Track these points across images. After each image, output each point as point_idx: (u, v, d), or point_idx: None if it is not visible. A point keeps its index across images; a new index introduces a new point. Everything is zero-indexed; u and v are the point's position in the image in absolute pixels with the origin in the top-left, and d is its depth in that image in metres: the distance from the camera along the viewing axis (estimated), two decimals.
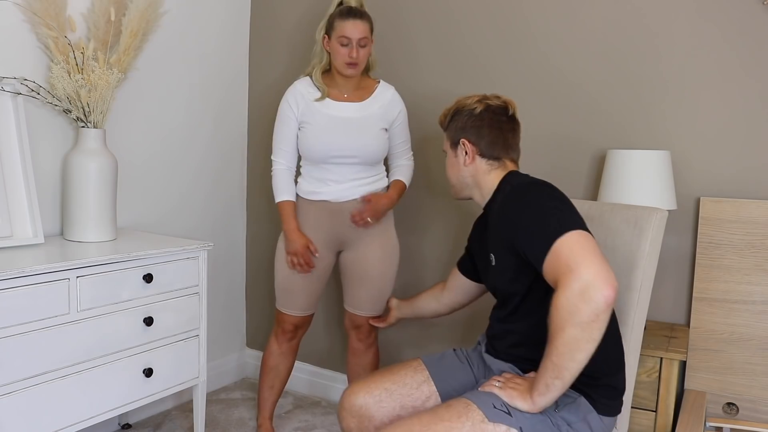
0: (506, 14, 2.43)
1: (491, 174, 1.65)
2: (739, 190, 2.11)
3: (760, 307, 2.05)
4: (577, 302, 1.27)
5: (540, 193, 1.50)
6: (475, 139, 1.66)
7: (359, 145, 2.19)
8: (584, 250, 1.31)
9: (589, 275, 1.28)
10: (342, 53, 2.13)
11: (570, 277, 1.29)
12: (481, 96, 1.71)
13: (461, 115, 1.69)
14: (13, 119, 2.03)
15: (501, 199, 1.58)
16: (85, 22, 2.22)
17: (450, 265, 2.59)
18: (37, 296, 1.76)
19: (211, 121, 2.81)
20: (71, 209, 2.14)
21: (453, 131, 1.71)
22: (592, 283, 1.27)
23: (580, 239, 1.34)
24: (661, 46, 2.18)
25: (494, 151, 1.65)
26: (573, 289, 1.28)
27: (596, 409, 1.49)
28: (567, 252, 1.32)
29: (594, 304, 1.26)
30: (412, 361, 1.76)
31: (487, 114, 1.66)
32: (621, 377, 1.57)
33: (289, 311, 2.35)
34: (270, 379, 2.45)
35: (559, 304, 1.30)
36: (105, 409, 1.97)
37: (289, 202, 2.26)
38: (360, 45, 2.13)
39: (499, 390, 1.46)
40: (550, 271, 1.35)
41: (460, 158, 1.69)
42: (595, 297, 1.26)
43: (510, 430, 1.40)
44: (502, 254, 1.55)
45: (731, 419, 2.08)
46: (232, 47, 2.90)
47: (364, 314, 2.34)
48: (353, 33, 2.11)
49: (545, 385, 1.37)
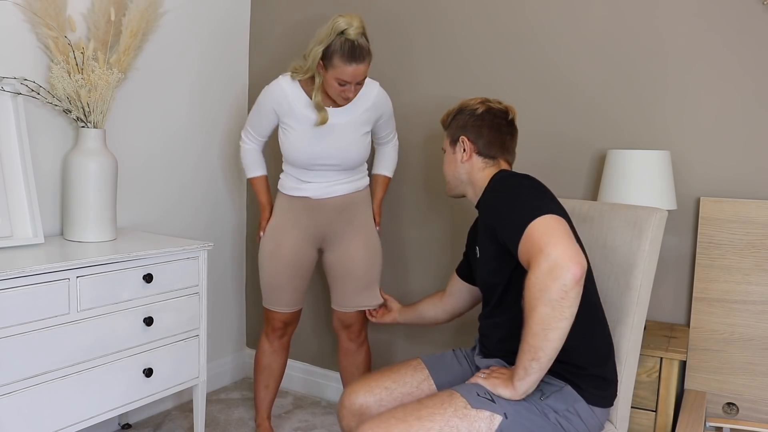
0: (506, 14, 2.43)
1: (484, 171, 1.71)
2: (739, 190, 2.11)
3: (760, 307, 2.05)
4: (546, 280, 1.32)
5: (519, 182, 1.57)
6: (474, 138, 1.72)
7: (341, 153, 2.19)
8: (554, 231, 1.37)
9: (557, 254, 1.33)
10: (338, 90, 2.08)
11: (539, 257, 1.34)
12: (484, 99, 1.77)
13: (463, 115, 1.76)
14: (13, 119, 2.03)
15: (487, 192, 1.65)
16: (85, 22, 2.22)
17: (447, 264, 2.59)
18: (37, 296, 1.76)
19: (210, 121, 2.81)
20: (71, 209, 2.14)
21: (453, 129, 1.77)
22: (559, 261, 1.32)
23: (551, 222, 1.39)
24: (662, 46, 2.18)
25: (491, 151, 1.71)
26: (542, 268, 1.33)
27: (585, 398, 1.50)
28: (537, 234, 1.38)
29: (562, 281, 1.31)
30: (411, 361, 1.77)
31: (488, 115, 1.73)
32: (610, 367, 1.58)
33: (276, 308, 2.36)
34: (264, 379, 2.46)
35: (529, 284, 1.35)
36: (105, 409, 1.97)
37: (262, 177, 2.36)
38: (357, 83, 2.08)
39: (483, 380, 1.50)
40: (524, 253, 1.40)
41: (458, 155, 1.74)
42: (563, 275, 1.31)
43: (493, 416, 1.42)
44: (486, 244, 1.60)
45: (731, 419, 2.08)
46: (232, 47, 2.90)
47: (353, 311, 2.35)
48: (353, 78, 2.05)
49: (523, 369, 1.40)
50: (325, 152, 2.18)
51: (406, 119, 2.58)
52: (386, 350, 2.76)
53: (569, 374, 1.49)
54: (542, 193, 1.53)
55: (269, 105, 2.21)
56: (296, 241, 2.28)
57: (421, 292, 2.68)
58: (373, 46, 2.21)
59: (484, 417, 1.41)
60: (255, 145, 2.33)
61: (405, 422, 1.41)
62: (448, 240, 2.60)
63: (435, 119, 2.53)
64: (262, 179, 2.37)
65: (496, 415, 1.42)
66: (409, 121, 2.59)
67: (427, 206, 2.63)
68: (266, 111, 2.23)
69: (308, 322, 2.92)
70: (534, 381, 1.41)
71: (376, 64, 2.56)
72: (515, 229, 1.43)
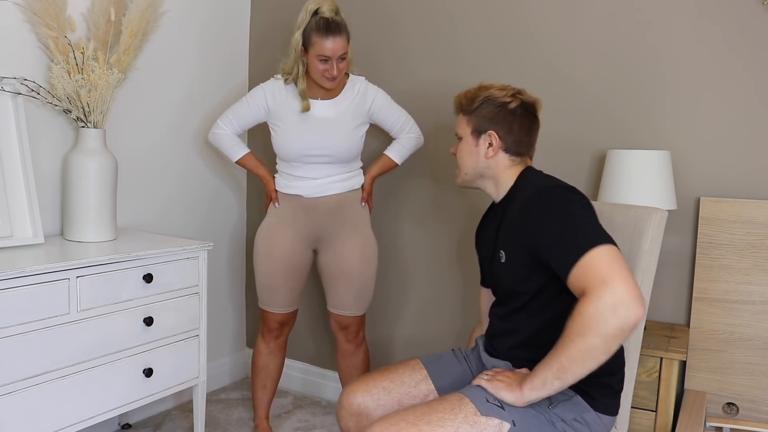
0: (505, 15, 2.43)
1: (511, 169, 1.63)
2: (739, 190, 2.11)
3: (760, 307, 2.05)
4: (607, 314, 1.28)
5: (568, 198, 1.48)
6: (504, 134, 1.61)
7: (331, 144, 2.20)
8: (617, 266, 1.32)
9: (623, 291, 1.29)
10: (321, 69, 2.13)
11: (603, 288, 1.30)
12: (515, 90, 1.65)
13: (492, 105, 1.62)
14: (13, 119, 2.03)
15: (523, 198, 1.54)
16: (85, 22, 2.22)
17: (446, 261, 2.59)
18: (37, 296, 1.76)
19: (210, 121, 2.80)
20: (71, 209, 2.14)
21: (480, 119, 1.64)
22: (625, 299, 1.28)
23: (612, 253, 1.34)
24: (662, 46, 2.18)
25: (519, 148, 1.63)
26: (605, 300, 1.29)
27: (594, 407, 1.49)
28: (600, 265, 1.32)
29: (623, 320, 1.27)
30: (410, 361, 1.76)
31: (520, 110, 1.62)
32: (620, 376, 1.57)
33: (272, 309, 2.36)
34: (261, 379, 2.46)
35: (585, 312, 1.30)
36: (105, 409, 1.97)
37: (249, 154, 2.35)
38: (339, 59, 2.13)
39: (486, 383, 1.48)
40: (577, 280, 1.35)
41: (482, 148, 1.64)
42: (627, 314, 1.27)
43: (502, 423, 1.41)
44: (516, 251, 1.53)
45: (731, 419, 2.08)
46: (232, 48, 2.89)
47: (349, 314, 2.34)
48: (333, 52, 2.10)
49: (542, 382, 1.37)
50: (315, 143, 2.19)
51: None
52: (385, 350, 2.76)
53: (581, 383, 1.45)
54: (593, 215, 1.45)
55: (263, 99, 2.25)
56: (291, 241, 2.29)
57: (421, 292, 2.68)
58: (368, 37, 2.21)
59: (493, 424, 1.40)
60: (231, 132, 2.33)
61: (415, 426, 1.40)
62: (449, 239, 2.60)
63: (429, 117, 2.53)
64: (251, 156, 2.36)
65: (505, 422, 1.41)
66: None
67: (429, 202, 2.63)
68: (258, 104, 2.26)
69: (307, 321, 2.92)
70: (545, 395, 1.39)
71: (369, 55, 2.57)
72: (569, 253, 1.37)
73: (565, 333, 1.34)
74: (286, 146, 2.23)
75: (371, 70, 2.55)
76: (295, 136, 2.21)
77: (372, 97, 2.27)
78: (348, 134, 2.22)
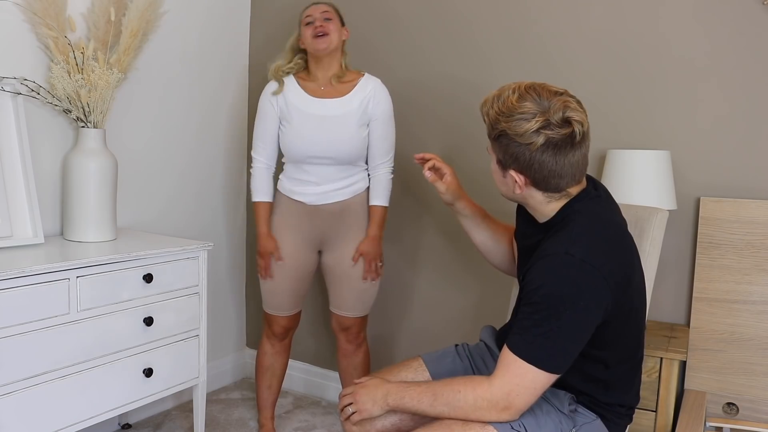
0: (505, 15, 2.43)
1: (549, 205, 1.43)
2: (739, 190, 2.11)
3: (760, 307, 2.05)
4: (482, 405, 1.37)
5: (570, 295, 1.31)
6: (532, 173, 1.37)
7: (333, 147, 2.19)
8: (526, 392, 1.35)
9: (505, 408, 1.36)
10: (309, 30, 2.18)
11: (498, 389, 1.36)
12: (543, 119, 1.32)
13: (512, 141, 1.35)
14: (13, 119, 2.03)
15: (554, 248, 1.36)
16: (85, 22, 2.22)
17: (450, 260, 2.59)
18: (37, 296, 1.76)
19: (211, 121, 2.81)
20: (71, 209, 2.14)
21: (502, 152, 1.40)
22: (501, 414, 1.36)
23: (537, 382, 1.34)
24: (661, 45, 2.18)
25: (549, 185, 1.39)
26: (493, 393, 1.36)
27: (610, 429, 1.50)
28: (518, 377, 1.34)
29: (487, 418, 1.37)
30: (412, 361, 1.76)
31: (549, 148, 1.33)
32: (636, 394, 1.58)
33: (276, 312, 2.36)
34: (267, 379, 2.46)
35: (475, 390, 1.38)
36: (105, 409, 1.97)
37: (264, 204, 2.31)
38: (324, 18, 2.18)
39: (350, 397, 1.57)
40: (499, 360, 1.38)
41: (509, 181, 1.42)
42: (493, 417, 1.37)
43: None
44: None
45: (731, 419, 2.08)
46: (232, 47, 2.89)
47: (350, 315, 2.34)
48: (315, 11, 2.19)
49: (416, 399, 1.46)
50: (318, 145, 2.19)
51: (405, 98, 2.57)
52: (386, 350, 2.76)
53: (602, 409, 1.48)
54: (576, 326, 1.32)
55: (268, 104, 2.26)
56: (295, 244, 2.29)
57: (424, 292, 2.68)
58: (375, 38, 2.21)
59: None
60: (265, 162, 2.28)
61: None
62: (449, 238, 2.60)
63: (429, 119, 2.53)
64: (264, 207, 2.30)
65: None
66: (404, 116, 2.58)
67: (430, 201, 2.63)
68: (266, 111, 2.26)
69: (308, 322, 2.91)
70: (400, 407, 1.49)
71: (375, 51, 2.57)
72: (518, 342, 1.35)
73: (454, 380, 1.44)
74: (290, 146, 2.22)
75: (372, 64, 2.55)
76: (299, 135, 2.20)
77: (380, 101, 2.24)
78: (350, 136, 2.21)
